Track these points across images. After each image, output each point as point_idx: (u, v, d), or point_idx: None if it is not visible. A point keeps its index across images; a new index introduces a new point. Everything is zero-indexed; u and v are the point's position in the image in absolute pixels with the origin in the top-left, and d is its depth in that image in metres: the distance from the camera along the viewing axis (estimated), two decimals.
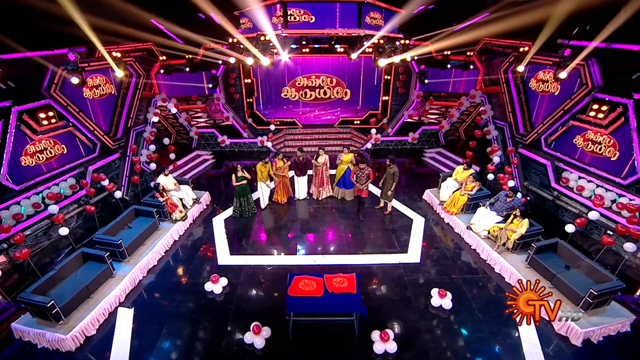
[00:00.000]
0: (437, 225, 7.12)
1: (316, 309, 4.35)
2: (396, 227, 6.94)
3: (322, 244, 6.51)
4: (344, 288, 4.36)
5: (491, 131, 8.71)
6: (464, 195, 6.99)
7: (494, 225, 6.11)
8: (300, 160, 7.77)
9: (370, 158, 10.96)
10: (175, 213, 6.89)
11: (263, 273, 5.70)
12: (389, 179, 7.00)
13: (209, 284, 5.32)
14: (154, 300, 5.21)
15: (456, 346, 4.41)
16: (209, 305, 5.06)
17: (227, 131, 11.58)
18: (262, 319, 4.61)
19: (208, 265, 5.88)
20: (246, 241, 6.54)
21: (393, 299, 5.13)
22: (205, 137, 11.48)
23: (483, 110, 9.22)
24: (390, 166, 6.86)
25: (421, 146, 11.54)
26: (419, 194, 8.28)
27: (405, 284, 5.43)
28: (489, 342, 4.48)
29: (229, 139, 11.43)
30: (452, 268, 5.82)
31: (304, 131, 11.93)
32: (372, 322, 4.65)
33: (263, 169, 7.16)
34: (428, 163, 10.69)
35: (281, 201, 7.98)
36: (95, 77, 7.48)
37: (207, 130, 11.39)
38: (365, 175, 6.80)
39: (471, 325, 4.68)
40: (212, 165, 10.71)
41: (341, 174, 7.88)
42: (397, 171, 6.88)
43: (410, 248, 6.27)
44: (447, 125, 10.82)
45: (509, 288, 5.24)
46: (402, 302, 5.07)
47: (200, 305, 5.04)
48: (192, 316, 4.87)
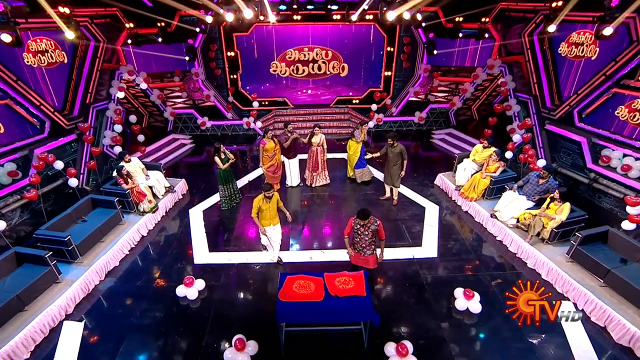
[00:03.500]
0: (454, 214, 6.55)
1: (315, 317, 3.70)
2: (406, 217, 6.37)
3: (320, 238, 5.91)
4: (350, 290, 3.70)
5: (512, 106, 7.97)
6: (486, 178, 6.34)
7: (525, 212, 5.45)
8: (289, 137, 6.94)
9: (371, 141, 10.34)
10: (143, 203, 6.11)
11: (249, 273, 5.07)
12: (395, 160, 6.30)
13: (181, 288, 4.64)
14: (112, 310, 4.49)
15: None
16: (181, 314, 4.40)
17: (209, 112, 10.75)
18: (247, 330, 4.00)
19: (182, 265, 5.25)
20: (229, 235, 5.91)
21: (409, 302, 4.54)
22: (182, 119, 10.63)
23: (503, 82, 8.47)
24: (394, 145, 6.18)
25: (429, 127, 10.93)
26: (430, 180, 7.73)
27: (422, 283, 4.85)
28: (534, 354, 3.84)
29: (210, 121, 10.62)
30: (476, 264, 5.24)
31: (295, 112, 11.27)
32: (384, 331, 4.04)
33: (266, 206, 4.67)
34: (437, 145, 10.10)
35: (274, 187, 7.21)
36: (40, 39, 6.43)
37: (184, 111, 10.53)
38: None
39: (508, 334, 4.04)
40: (191, 151, 9.96)
41: (358, 152, 7.27)
42: (404, 148, 6.19)
43: (425, 240, 5.70)
44: (459, 102, 10.11)
45: (547, 286, 4.71)
46: (419, 306, 4.48)
47: (171, 315, 4.38)
48: (160, 328, 4.19)
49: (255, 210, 4.58)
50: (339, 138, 10.43)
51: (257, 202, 4.57)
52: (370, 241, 4.15)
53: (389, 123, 10.95)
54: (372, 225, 4.04)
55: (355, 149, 7.23)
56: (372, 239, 4.15)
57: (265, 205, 4.61)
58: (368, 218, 3.98)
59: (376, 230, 4.10)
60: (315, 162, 7.30)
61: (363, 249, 4.21)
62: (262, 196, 4.58)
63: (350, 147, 7.29)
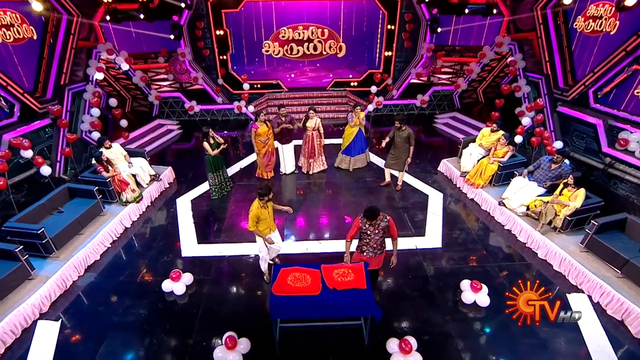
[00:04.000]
0: (459, 202, 6.43)
1: (311, 312, 3.56)
2: (408, 205, 6.23)
3: (316, 228, 5.74)
4: (349, 282, 3.56)
5: (522, 87, 7.70)
6: (493, 163, 6.16)
7: (536, 199, 5.27)
8: (282, 121, 6.65)
9: (370, 126, 10.13)
10: (126, 193, 5.87)
11: (241, 266, 4.91)
12: (402, 144, 6.12)
13: (167, 283, 4.46)
14: (92, 308, 4.29)
15: (502, 356, 3.67)
16: (167, 311, 4.23)
17: (197, 96, 10.39)
18: (239, 327, 3.86)
19: (169, 258, 5.08)
20: (219, 226, 5.75)
21: (412, 295, 4.41)
22: (169, 103, 10.28)
23: (512, 61, 8.17)
24: (402, 128, 6.01)
25: (431, 111, 10.72)
26: (433, 166, 7.62)
27: (425, 275, 4.73)
28: (546, 350, 3.72)
29: (198, 105, 10.27)
30: (482, 254, 5.10)
31: (289, 95, 10.97)
32: (386, 327, 3.93)
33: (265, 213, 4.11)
34: (441, 130, 9.92)
35: (267, 176, 7.11)
36: (4, 11, 5.99)
37: (171, 95, 10.17)
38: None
39: (518, 329, 3.86)
40: (178, 137, 9.67)
41: (351, 138, 7.02)
42: (412, 133, 6.02)
43: (428, 230, 5.57)
44: (463, 84, 9.82)
45: (559, 278, 4.59)
46: (423, 299, 4.36)
47: (156, 311, 4.21)
48: (144, 326, 4.02)
49: (253, 221, 3.95)
50: (336, 123, 10.23)
51: (254, 211, 3.92)
52: (381, 240, 3.79)
53: (389, 107, 10.70)
54: (382, 221, 3.66)
55: (349, 134, 7.03)
56: (383, 237, 3.79)
57: (263, 213, 4.00)
58: (377, 217, 3.59)
59: (387, 227, 3.70)
60: (311, 148, 7.07)
61: (374, 250, 3.80)
62: (257, 203, 3.95)
63: (344, 133, 7.13)
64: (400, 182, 6.70)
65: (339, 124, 10.05)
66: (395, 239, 3.85)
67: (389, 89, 10.73)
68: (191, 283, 4.56)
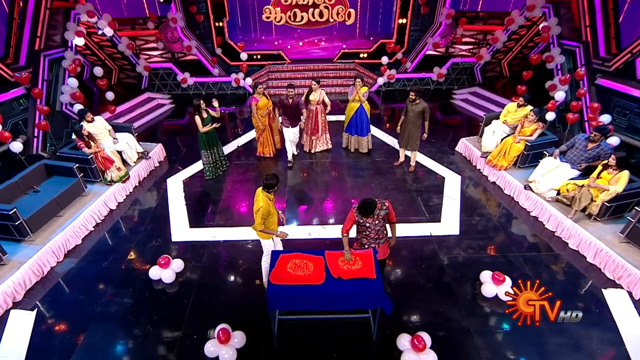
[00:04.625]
0: (479, 186, 6.19)
1: (314, 304, 3.40)
2: (422, 188, 6.02)
3: (320, 212, 5.56)
4: (356, 271, 3.38)
5: (554, 57, 7.18)
6: (520, 142, 5.81)
7: (568, 183, 4.95)
8: (290, 103, 6.20)
9: (381, 102, 9.85)
10: (111, 171, 5.66)
11: (237, 252, 4.76)
12: (415, 119, 5.86)
13: (155, 269, 4.32)
14: (71, 297, 4.15)
15: (527, 356, 3.46)
16: (154, 301, 4.09)
17: (190, 67, 10.07)
18: (234, 319, 3.74)
19: (158, 242, 4.94)
20: (214, 208, 5.60)
21: (426, 287, 4.23)
22: (159, 75, 9.99)
23: (545, 27, 7.62)
24: (416, 102, 5.74)
25: (449, 86, 10.37)
26: (451, 146, 7.40)
27: (441, 264, 4.53)
28: (577, 352, 3.49)
29: (192, 78, 9.97)
30: (505, 243, 4.88)
31: (293, 67, 10.62)
32: (397, 321, 3.77)
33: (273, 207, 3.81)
34: (459, 107, 9.57)
35: (269, 153, 6.90)
36: None
37: (162, 65, 9.84)
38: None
39: (546, 326, 3.65)
40: (170, 113, 9.45)
41: (351, 114, 6.70)
42: (427, 106, 5.75)
43: (445, 215, 5.37)
44: (487, 55, 9.34)
45: (594, 272, 4.34)
46: (439, 291, 4.17)
47: (142, 301, 4.07)
48: (128, 317, 3.87)
49: (262, 219, 3.51)
50: (343, 99, 9.86)
51: (264, 206, 3.48)
52: (382, 229, 3.62)
53: (402, 81, 10.33)
54: (381, 210, 3.46)
55: (349, 109, 6.68)
56: (384, 225, 3.62)
57: (273, 207, 3.66)
58: (373, 212, 3.37)
59: (387, 215, 3.52)
60: (314, 124, 6.77)
61: (376, 240, 3.64)
62: (263, 195, 3.52)
63: (347, 108, 6.78)
64: (414, 163, 6.50)
65: (346, 99, 9.62)
66: (393, 224, 3.72)
67: (402, 62, 10.26)
68: (181, 270, 4.42)
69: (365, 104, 6.52)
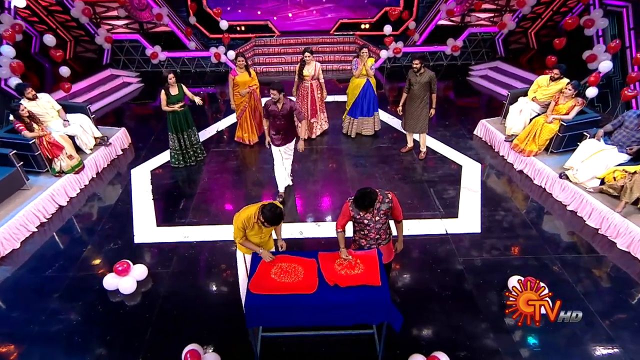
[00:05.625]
0: (503, 175, 6.07)
1: (304, 318, 3.19)
2: (436, 178, 5.90)
3: (314, 207, 5.42)
4: (357, 276, 3.15)
5: (595, 20, 6.88)
6: (553, 122, 5.58)
7: (615, 169, 4.73)
8: (279, 109, 4.73)
9: (385, 81, 9.76)
10: (60, 160, 5.40)
11: (214, 255, 4.58)
12: (421, 93, 5.72)
13: (111, 278, 4.08)
14: (3, 313, 3.90)
15: None
16: (108, 316, 3.85)
17: (162, 40, 9.82)
18: (207, 338, 3.57)
19: (117, 245, 4.73)
20: (187, 204, 5.44)
21: (442, 296, 4.02)
22: (125, 48, 9.78)
23: None
24: (420, 72, 5.64)
25: (465, 61, 10.33)
26: (468, 129, 7.32)
27: (459, 268, 4.34)
28: None
29: (164, 52, 9.73)
30: (537, 243, 4.69)
31: (282, 41, 10.54)
32: (408, 338, 3.57)
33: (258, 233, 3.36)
34: (477, 85, 9.51)
35: (249, 141, 6.73)
36: None
37: (127, 37, 9.62)
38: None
39: (594, 343, 3.45)
40: (138, 93, 9.30)
41: (356, 93, 6.49)
42: (434, 75, 5.66)
43: (463, 210, 5.23)
44: (511, 22, 9.14)
45: None
46: (458, 301, 3.97)
47: (93, 317, 3.82)
48: (74, 338, 3.60)
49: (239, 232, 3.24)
50: (340, 78, 9.76)
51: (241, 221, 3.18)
52: (385, 227, 3.38)
53: (410, 55, 10.16)
54: (383, 204, 3.22)
55: (354, 87, 6.52)
56: (387, 222, 3.37)
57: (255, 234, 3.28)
58: (374, 204, 3.11)
59: (390, 210, 3.26)
60: (311, 104, 6.54)
61: (377, 241, 3.40)
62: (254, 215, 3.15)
63: (349, 85, 6.66)
64: (424, 148, 6.35)
65: (345, 78, 9.44)
66: (400, 222, 3.46)
67: (410, 33, 10.06)
68: (144, 278, 4.18)
69: (372, 78, 6.41)
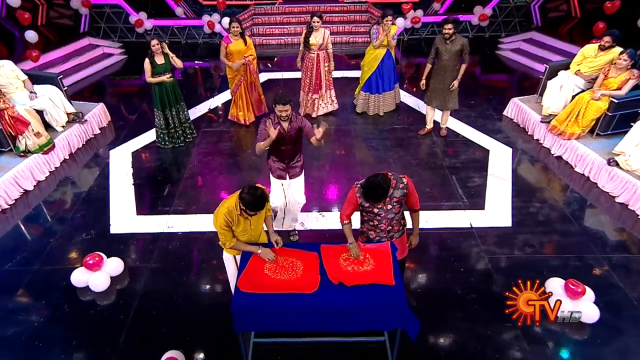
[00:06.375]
0: (537, 161, 6.01)
1: (303, 323, 3.09)
2: (458, 164, 5.89)
3: (318, 195, 5.43)
4: (367, 274, 3.04)
5: None
6: (601, 98, 5.40)
7: None
8: (286, 131, 3.81)
9: (401, 56, 9.78)
10: (26, 137, 5.36)
11: (201, 247, 4.54)
12: (452, 63, 5.61)
13: (80, 273, 4.02)
14: None
15: None
16: (76, 318, 3.79)
17: (148, 6, 9.95)
18: (190, 344, 3.53)
19: (90, 236, 4.73)
20: (172, 190, 5.47)
21: (466, 299, 3.92)
22: (106, 15, 9.84)
23: None
24: (452, 38, 5.51)
25: (494, 33, 10.42)
26: (497, 109, 7.29)
27: (486, 268, 4.26)
28: None
29: (151, 20, 9.81)
30: (581, 240, 4.58)
31: (285, 9, 10.64)
32: (425, 348, 3.49)
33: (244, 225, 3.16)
34: (507, 59, 9.52)
35: (244, 120, 6.70)
36: None
37: (108, 1, 9.64)
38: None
39: None
40: (121, 66, 9.45)
41: (374, 66, 6.46)
42: (466, 42, 5.53)
43: (490, 201, 5.19)
44: None
45: None
46: (484, 306, 3.87)
47: (58, 319, 3.76)
48: (34, 343, 3.53)
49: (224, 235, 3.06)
50: (351, 52, 9.81)
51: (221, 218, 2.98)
52: (399, 217, 3.23)
53: (430, 26, 10.26)
54: (397, 189, 3.04)
55: (371, 59, 6.47)
56: (401, 211, 3.22)
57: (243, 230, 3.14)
58: (387, 195, 2.93)
59: (405, 196, 3.09)
60: (316, 77, 6.48)
61: (389, 233, 3.26)
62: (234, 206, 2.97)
63: (365, 57, 6.62)
64: (445, 124, 6.36)
65: (355, 53, 9.50)
66: (416, 212, 3.33)
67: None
68: (120, 273, 4.13)
69: (393, 49, 6.44)
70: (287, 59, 9.12)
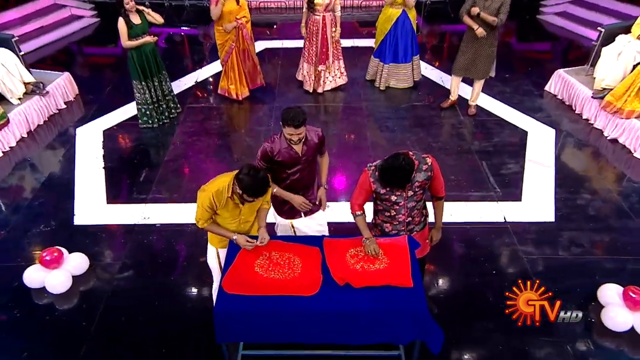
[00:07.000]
0: (587, 145, 6.04)
1: (301, 333, 3.07)
2: (490, 148, 5.96)
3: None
4: (379, 274, 3.03)
5: None
6: None
7: None
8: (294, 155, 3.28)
9: (423, 23, 9.87)
10: None
11: (183, 242, 4.61)
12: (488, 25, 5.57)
13: (35, 271, 4.04)
14: None
15: None
16: (29, 324, 3.82)
17: None
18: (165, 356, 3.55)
19: (50, 227, 4.76)
20: (150, 174, 5.57)
21: (498, 307, 3.83)
22: None
23: None
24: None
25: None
26: (536, 84, 7.33)
27: (524, 269, 4.25)
28: None
29: None
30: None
31: None
32: None
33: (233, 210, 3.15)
34: (551, 26, 9.65)
35: (236, 94, 6.71)
36: None
37: None
38: None
39: None
40: (92, 31, 9.67)
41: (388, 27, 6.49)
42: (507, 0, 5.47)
43: (527, 191, 5.23)
44: None
45: None
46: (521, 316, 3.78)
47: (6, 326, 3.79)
48: None
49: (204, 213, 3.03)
50: (362, 19, 10.01)
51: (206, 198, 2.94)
52: (420, 206, 3.20)
53: None
54: (419, 172, 2.94)
55: (385, 20, 6.54)
56: (422, 199, 3.18)
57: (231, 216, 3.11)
58: (409, 180, 2.85)
59: (429, 180, 3.01)
60: (322, 44, 6.45)
61: (408, 225, 3.22)
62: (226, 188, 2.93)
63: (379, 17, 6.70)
64: (475, 101, 6.39)
65: (367, 20, 9.50)
66: (440, 200, 3.28)
67: None
68: (84, 272, 4.14)
69: (411, 11, 6.42)
70: (289, 27, 9.20)
